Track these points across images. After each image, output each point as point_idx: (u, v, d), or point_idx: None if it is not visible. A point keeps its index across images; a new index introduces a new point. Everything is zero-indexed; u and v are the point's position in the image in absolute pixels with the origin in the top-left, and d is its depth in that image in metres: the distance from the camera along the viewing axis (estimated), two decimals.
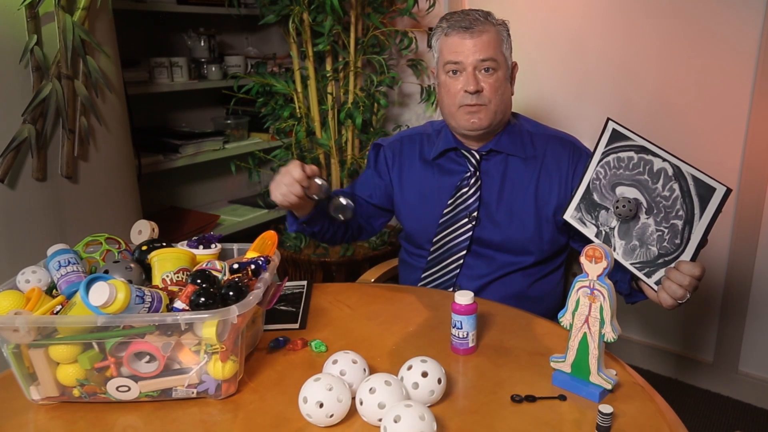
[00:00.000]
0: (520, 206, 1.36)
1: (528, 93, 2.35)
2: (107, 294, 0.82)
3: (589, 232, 1.16)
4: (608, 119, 1.17)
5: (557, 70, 2.29)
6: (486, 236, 1.37)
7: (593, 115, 2.24)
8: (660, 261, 1.08)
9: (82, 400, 0.93)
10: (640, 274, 1.09)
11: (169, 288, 0.97)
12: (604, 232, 1.15)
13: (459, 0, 2.42)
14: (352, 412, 0.87)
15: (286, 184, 1.21)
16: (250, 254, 1.09)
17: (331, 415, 0.84)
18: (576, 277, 0.92)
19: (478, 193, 1.37)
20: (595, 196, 1.17)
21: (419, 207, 1.44)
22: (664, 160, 1.08)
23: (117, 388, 0.90)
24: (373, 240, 2.45)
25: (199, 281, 0.93)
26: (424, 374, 0.88)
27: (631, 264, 1.10)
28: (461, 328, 1.04)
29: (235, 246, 1.16)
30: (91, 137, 1.55)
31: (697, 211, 1.07)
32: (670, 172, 1.07)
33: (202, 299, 0.89)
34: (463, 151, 1.40)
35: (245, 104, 2.59)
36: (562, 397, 0.93)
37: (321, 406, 0.83)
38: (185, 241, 1.11)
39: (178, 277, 0.99)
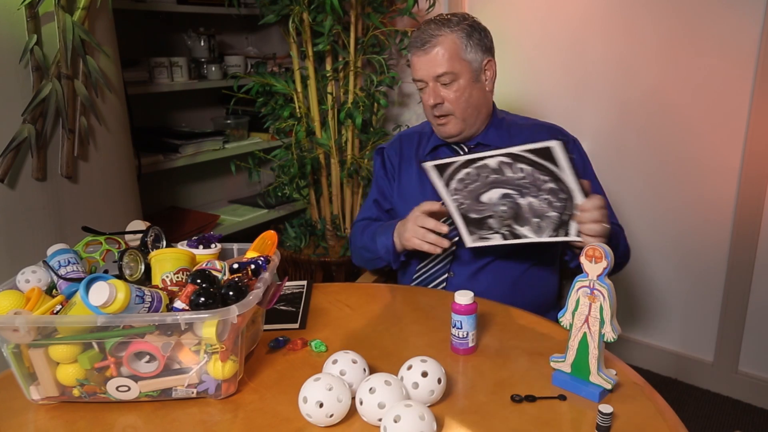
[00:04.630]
0: None
1: (528, 93, 2.35)
2: (107, 294, 0.82)
3: (496, 240, 1.26)
4: (421, 163, 1.29)
5: (557, 70, 2.29)
6: None
7: (593, 115, 2.24)
8: (564, 218, 1.17)
9: (82, 400, 0.93)
10: (561, 239, 1.18)
11: (169, 288, 0.97)
12: (507, 233, 1.25)
13: (459, 0, 2.43)
14: (352, 412, 0.87)
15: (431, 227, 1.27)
16: (250, 254, 1.09)
17: (331, 415, 0.84)
18: (576, 276, 0.92)
19: None
20: (474, 215, 1.26)
21: (416, 199, 1.46)
22: (491, 156, 1.18)
23: (117, 388, 0.90)
24: None
25: (199, 281, 0.93)
26: (424, 374, 0.88)
27: (549, 237, 1.20)
28: (461, 328, 1.04)
29: (235, 246, 1.16)
30: (91, 137, 1.54)
31: (554, 168, 1.14)
32: (506, 160, 1.17)
33: (202, 299, 0.89)
34: (453, 146, 1.47)
35: (245, 104, 2.59)
36: (562, 397, 0.93)
37: (321, 406, 0.83)
38: (185, 241, 1.11)
39: (177, 277, 0.99)
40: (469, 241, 1.30)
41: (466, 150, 1.44)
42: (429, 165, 1.26)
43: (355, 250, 1.57)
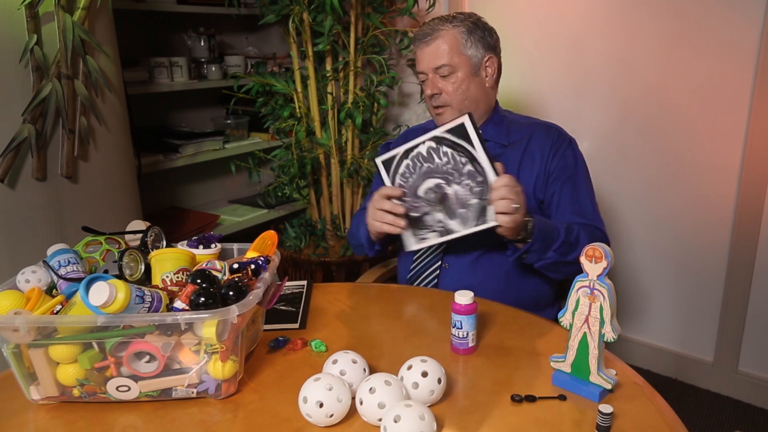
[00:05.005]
0: None
1: (528, 92, 2.35)
2: (107, 294, 0.82)
3: (433, 239, 1.29)
4: (374, 161, 1.37)
5: (557, 69, 2.29)
6: None
7: (593, 115, 2.24)
8: (483, 203, 1.21)
9: (82, 400, 0.93)
10: (484, 226, 1.21)
11: (169, 288, 0.97)
12: (440, 229, 1.28)
13: (459, 0, 2.43)
14: (352, 412, 0.87)
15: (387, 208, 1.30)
16: (250, 254, 1.09)
17: (331, 415, 0.84)
18: (576, 276, 0.92)
19: None
20: (414, 213, 1.30)
21: None
22: (423, 142, 1.24)
23: (117, 388, 0.90)
24: None
25: (199, 281, 0.93)
26: (424, 374, 0.88)
27: (474, 227, 1.22)
28: (461, 328, 1.04)
29: (235, 246, 1.16)
30: (91, 137, 1.54)
31: (469, 147, 1.18)
32: (434, 144, 1.23)
33: (202, 299, 0.89)
34: None
35: (245, 104, 2.58)
36: (562, 397, 0.93)
37: (321, 406, 0.83)
38: (185, 241, 1.11)
39: (177, 277, 0.99)
40: (412, 244, 1.33)
41: None
42: (378, 160, 1.32)
43: (349, 235, 1.62)
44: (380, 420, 0.81)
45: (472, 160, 1.19)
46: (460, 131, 1.18)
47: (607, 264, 0.89)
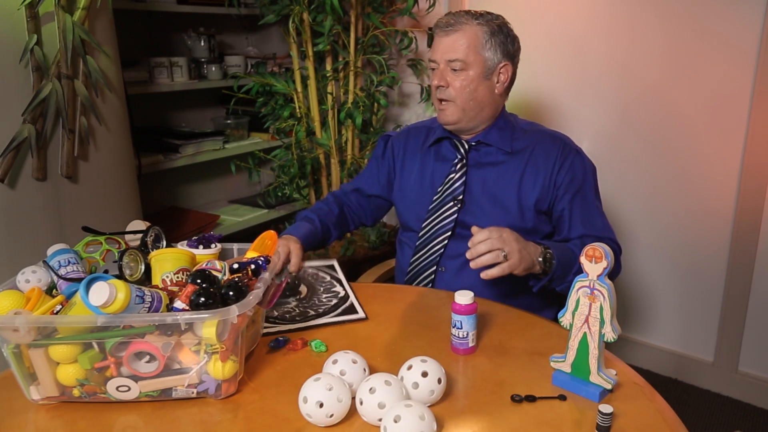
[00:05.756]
0: (503, 194, 1.41)
1: (528, 93, 2.35)
2: (107, 294, 0.82)
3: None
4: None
5: (557, 70, 2.29)
6: (469, 220, 1.41)
7: (594, 115, 2.24)
8: None
9: (82, 400, 0.93)
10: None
11: (169, 288, 0.97)
12: None
13: (459, 0, 2.43)
14: (352, 412, 0.87)
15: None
16: (250, 254, 1.09)
17: (331, 415, 0.84)
18: (576, 276, 0.92)
19: (464, 179, 1.43)
20: None
21: (414, 191, 1.51)
22: None
23: (117, 388, 0.90)
24: (373, 240, 2.45)
25: (199, 281, 0.93)
26: (424, 374, 0.88)
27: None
28: (461, 328, 1.04)
29: (235, 246, 1.16)
30: (91, 137, 1.54)
31: None
32: None
33: (202, 299, 0.89)
34: (455, 141, 1.47)
35: (245, 104, 2.58)
36: (562, 397, 0.93)
37: (321, 406, 0.83)
38: (185, 241, 1.11)
39: (178, 277, 0.99)
40: None
41: (467, 147, 1.45)
42: None
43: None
44: (380, 420, 0.81)
45: None
46: None
47: (607, 264, 0.89)
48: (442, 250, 1.44)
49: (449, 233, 1.43)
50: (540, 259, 1.23)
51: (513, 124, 1.46)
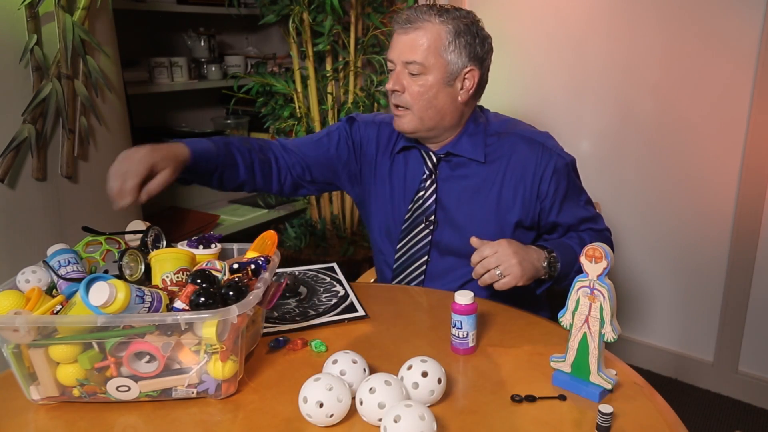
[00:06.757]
0: (481, 210, 1.30)
1: (528, 93, 2.35)
2: (107, 294, 0.82)
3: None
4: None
5: (557, 70, 2.29)
6: (446, 240, 1.33)
7: (594, 115, 2.24)
8: None
9: (82, 400, 0.93)
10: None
11: (169, 288, 0.97)
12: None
13: (459, 0, 2.43)
14: (352, 412, 0.87)
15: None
16: (250, 254, 1.09)
17: (331, 415, 0.84)
18: (576, 276, 0.92)
19: (434, 196, 1.33)
20: None
21: (389, 201, 1.39)
22: None
23: (117, 388, 0.90)
24: None
25: (199, 281, 0.93)
26: (424, 374, 0.88)
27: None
28: (461, 328, 1.04)
29: (235, 246, 1.16)
30: (91, 137, 1.54)
31: None
32: None
33: (202, 299, 0.89)
34: (422, 151, 1.34)
35: (245, 104, 2.59)
36: (562, 397, 0.92)
37: (321, 406, 0.83)
38: (185, 241, 1.11)
39: (178, 277, 0.99)
40: None
41: (435, 160, 1.32)
42: None
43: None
44: (380, 420, 0.81)
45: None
46: None
47: (607, 264, 0.89)
48: (422, 277, 1.37)
49: (425, 257, 1.35)
50: (545, 264, 1.20)
51: (485, 129, 1.31)
